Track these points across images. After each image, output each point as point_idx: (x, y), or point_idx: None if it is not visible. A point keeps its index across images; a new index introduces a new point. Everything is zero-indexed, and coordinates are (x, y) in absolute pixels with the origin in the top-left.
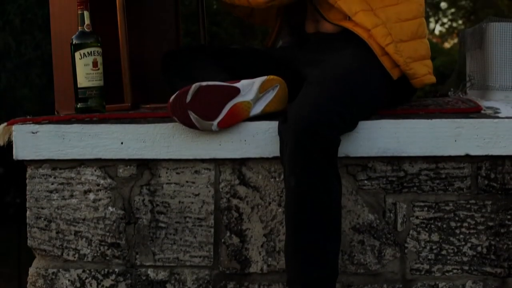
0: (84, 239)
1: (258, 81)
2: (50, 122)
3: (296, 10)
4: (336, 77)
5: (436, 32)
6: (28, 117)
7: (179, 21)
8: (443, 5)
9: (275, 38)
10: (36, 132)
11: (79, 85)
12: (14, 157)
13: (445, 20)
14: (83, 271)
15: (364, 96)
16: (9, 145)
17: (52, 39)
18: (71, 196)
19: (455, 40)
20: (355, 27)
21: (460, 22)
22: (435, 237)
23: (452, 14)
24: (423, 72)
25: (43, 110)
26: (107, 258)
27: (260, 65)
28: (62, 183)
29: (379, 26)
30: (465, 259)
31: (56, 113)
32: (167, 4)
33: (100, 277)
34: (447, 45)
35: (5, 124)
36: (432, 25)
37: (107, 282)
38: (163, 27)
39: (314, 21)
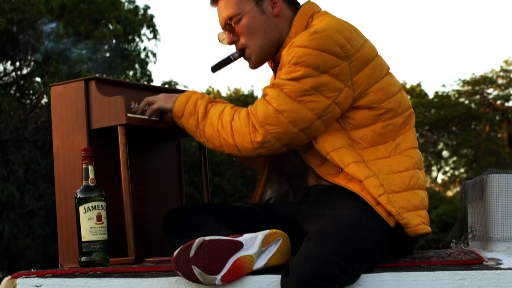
0: None
1: (261, 235)
2: (54, 276)
3: (286, 160)
4: (336, 230)
5: (439, 180)
6: (32, 269)
7: (182, 173)
8: (445, 153)
9: (263, 187)
10: (40, 286)
11: (83, 239)
12: None
13: (447, 168)
14: None
15: (364, 247)
16: None
17: (56, 192)
18: None
19: (458, 188)
20: (348, 183)
21: (462, 170)
22: None
23: (454, 162)
24: (415, 222)
25: (46, 260)
26: None
27: (261, 221)
28: None
29: (371, 177)
30: None
31: (60, 266)
32: (171, 157)
33: None
34: (449, 193)
35: (9, 277)
36: (434, 174)
37: None
38: (167, 180)
39: (314, 174)
